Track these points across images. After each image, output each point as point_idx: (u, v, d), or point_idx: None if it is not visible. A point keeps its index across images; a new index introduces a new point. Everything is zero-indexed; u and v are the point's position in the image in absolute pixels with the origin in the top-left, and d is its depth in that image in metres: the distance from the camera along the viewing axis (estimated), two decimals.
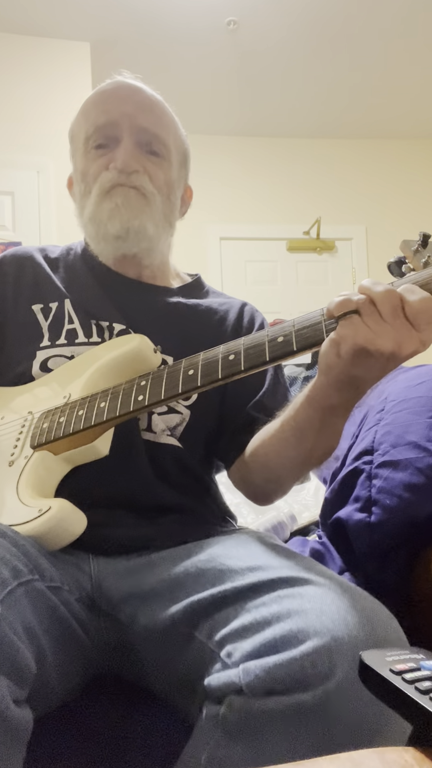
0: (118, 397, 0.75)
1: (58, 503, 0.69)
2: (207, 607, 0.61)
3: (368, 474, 0.89)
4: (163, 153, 0.92)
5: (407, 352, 0.58)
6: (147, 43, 3.50)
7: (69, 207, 0.98)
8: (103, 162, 0.89)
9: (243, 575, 0.61)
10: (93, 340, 0.87)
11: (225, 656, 0.56)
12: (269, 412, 0.85)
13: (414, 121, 4.43)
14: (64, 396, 0.81)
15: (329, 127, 4.46)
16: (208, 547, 0.70)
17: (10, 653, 0.53)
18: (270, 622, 0.54)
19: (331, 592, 0.56)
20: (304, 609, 0.54)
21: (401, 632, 0.56)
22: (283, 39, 3.53)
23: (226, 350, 0.70)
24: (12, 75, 3.36)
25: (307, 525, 1.39)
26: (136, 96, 0.91)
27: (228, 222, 4.41)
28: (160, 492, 0.81)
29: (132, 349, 0.82)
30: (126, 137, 0.89)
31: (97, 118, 0.91)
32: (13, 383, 0.88)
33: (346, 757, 0.35)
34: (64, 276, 0.95)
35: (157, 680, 0.68)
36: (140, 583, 0.70)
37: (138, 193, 0.88)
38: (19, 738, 0.53)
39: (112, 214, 0.88)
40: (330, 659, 0.50)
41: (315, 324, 0.64)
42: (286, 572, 0.60)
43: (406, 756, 0.34)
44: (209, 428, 0.89)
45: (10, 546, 0.61)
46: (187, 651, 0.62)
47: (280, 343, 0.65)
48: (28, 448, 0.78)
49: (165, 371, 0.74)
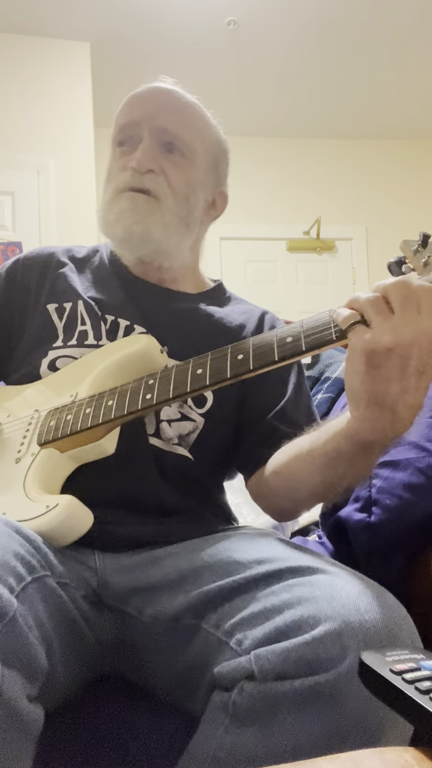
0: (126, 395, 0.75)
1: (66, 499, 0.69)
2: (214, 598, 0.62)
3: None
4: (185, 153, 0.91)
5: (419, 346, 0.55)
6: (147, 43, 3.50)
7: (69, 207, 0.99)
8: (123, 162, 0.91)
9: (251, 567, 0.62)
10: (102, 342, 0.87)
11: (235, 644, 0.57)
12: (292, 423, 0.84)
13: (414, 121, 4.43)
14: (71, 394, 0.81)
15: (329, 127, 4.46)
16: (214, 542, 0.70)
17: (25, 649, 0.53)
18: (281, 609, 0.55)
19: (340, 579, 0.57)
20: (314, 596, 0.54)
21: (410, 620, 0.56)
22: (283, 39, 3.53)
23: (235, 350, 0.70)
24: (12, 75, 3.36)
25: (307, 525, 1.39)
26: (161, 97, 0.92)
27: (228, 222, 4.36)
28: (164, 495, 0.81)
29: (139, 349, 0.82)
30: (146, 137, 0.90)
31: (121, 118, 0.93)
32: (21, 382, 0.88)
33: (346, 757, 0.35)
34: (89, 277, 0.96)
35: (160, 676, 0.68)
36: (147, 576, 0.70)
37: (147, 198, 0.88)
38: (30, 734, 0.53)
39: (117, 218, 0.89)
40: (342, 643, 0.50)
41: (324, 324, 0.64)
42: (294, 563, 0.60)
43: (406, 756, 0.34)
44: (224, 438, 0.87)
45: (24, 541, 0.62)
46: (193, 642, 0.62)
47: (289, 344, 0.65)
48: (35, 446, 0.78)
49: (173, 370, 0.74)
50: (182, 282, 0.98)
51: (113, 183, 0.91)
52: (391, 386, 0.56)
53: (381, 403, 0.57)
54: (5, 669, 0.51)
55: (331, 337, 0.62)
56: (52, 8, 3.23)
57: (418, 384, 0.57)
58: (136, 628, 0.69)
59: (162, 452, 0.82)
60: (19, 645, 0.53)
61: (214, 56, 3.65)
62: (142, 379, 0.76)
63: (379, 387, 0.57)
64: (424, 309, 0.56)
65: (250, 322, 0.95)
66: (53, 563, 0.64)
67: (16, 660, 0.52)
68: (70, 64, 3.45)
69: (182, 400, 0.83)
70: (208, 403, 0.86)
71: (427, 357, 0.56)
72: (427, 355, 0.56)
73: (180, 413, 0.84)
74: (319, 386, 1.88)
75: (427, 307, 0.56)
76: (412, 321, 0.55)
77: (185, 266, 0.98)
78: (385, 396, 0.57)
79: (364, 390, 0.58)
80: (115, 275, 0.95)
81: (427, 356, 0.56)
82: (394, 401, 0.57)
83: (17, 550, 0.59)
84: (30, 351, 0.90)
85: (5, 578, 0.55)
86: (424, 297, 0.56)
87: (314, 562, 0.61)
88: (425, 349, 0.56)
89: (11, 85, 3.35)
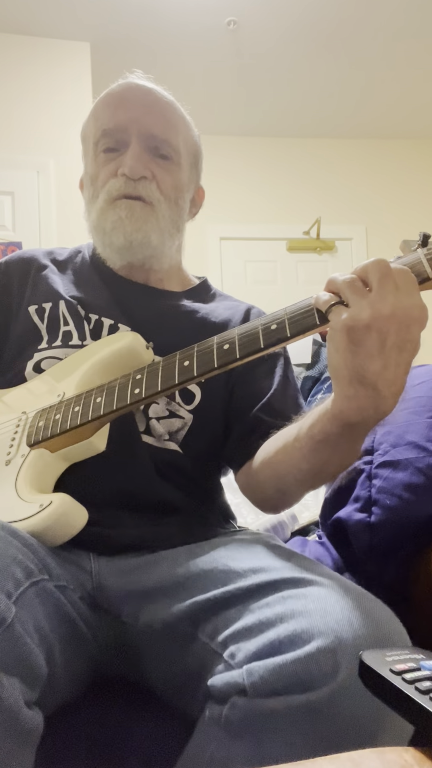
0: (114, 391, 0.75)
1: (60, 497, 0.69)
2: (210, 607, 0.61)
3: (368, 474, 0.89)
4: (173, 156, 0.91)
5: (397, 320, 0.56)
6: (147, 42, 3.50)
7: (69, 207, 0.99)
8: (111, 168, 0.90)
9: (246, 577, 0.61)
10: (86, 342, 0.87)
11: (228, 657, 0.56)
12: (278, 414, 0.84)
13: (414, 121, 4.42)
14: (58, 394, 0.81)
15: (329, 127, 4.46)
16: (210, 549, 0.70)
17: (24, 655, 0.53)
18: (274, 622, 0.54)
19: (334, 593, 0.56)
20: (308, 610, 0.54)
21: (405, 633, 0.56)
22: (283, 39, 3.53)
23: (221, 340, 0.70)
24: (12, 75, 3.35)
25: (307, 525, 1.39)
26: (145, 98, 0.90)
27: (228, 222, 4.41)
28: (161, 492, 0.81)
29: (124, 345, 0.82)
30: (134, 142, 0.89)
31: (105, 121, 0.91)
32: (7, 385, 0.88)
33: (346, 757, 0.35)
34: (72, 277, 0.96)
35: (158, 680, 0.68)
36: (142, 581, 0.70)
37: (143, 204, 0.89)
38: (30, 740, 0.53)
39: (115, 226, 0.88)
40: (334, 659, 0.50)
41: (307, 309, 0.65)
42: (289, 573, 0.60)
43: (406, 756, 0.34)
44: (213, 433, 0.88)
45: (21, 545, 0.61)
46: (190, 651, 0.62)
47: (273, 330, 0.66)
48: (25, 447, 0.78)
49: (160, 364, 0.74)
50: (168, 281, 0.98)
51: (104, 190, 0.89)
52: (372, 362, 0.57)
53: (362, 380, 0.58)
54: (4, 676, 0.50)
55: (315, 321, 0.63)
56: (52, 8, 3.23)
57: (398, 360, 0.57)
58: (131, 633, 0.68)
59: (155, 449, 0.82)
60: (18, 651, 0.52)
61: (214, 56, 3.65)
62: (129, 375, 0.76)
63: (360, 363, 0.57)
64: (401, 286, 0.57)
65: (236, 317, 0.95)
66: (50, 566, 0.64)
67: (16, 666, 0.52)
68: (70, 64, 3.45)
69: (171, 393, 0.83)
70: (197, 400, 0.86)
71: (405, 332, 0.57)
72: (405, 330, 0.57)
73: (168, 410, 0.84)
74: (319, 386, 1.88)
75: (404, 285, 0.57)
76: (390, 296, 0.56)
77: (171, 266, 0.98)
78: (366, 372, 0.57)
79: (345, 367, 0.58)
80: (98, 275, 0.95)
81: (405, 331, 0.57)
82: (375, 377, 0.57)
83: (15, 555, 0.59)
84: (15, 355, 0.90)
85: (3, 584, 0.55)
86: (401, 276, 0.58)
87: (309, 572, 0.60)
88: (403, 324, 0.56)
89: (11, 85, 3.34)
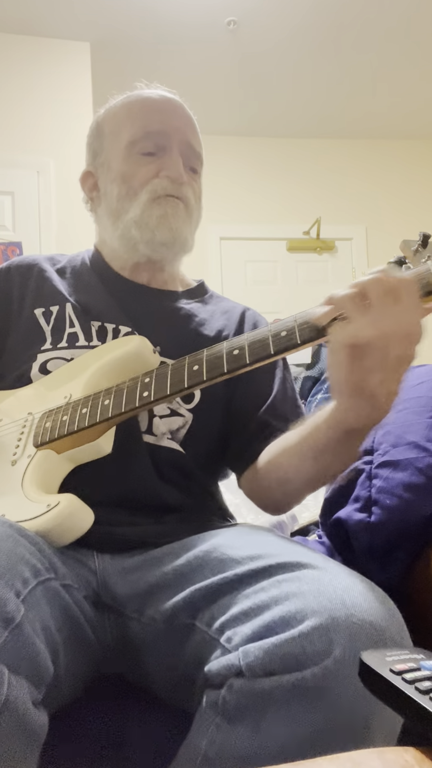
0: (123, 394, 0.75)
1: (67, 498, 0.69)
2: (207, 595, 0.62)
3: (368, 474, 0.89)
4: (199, 170, 0.97)
5: (398, 337, 0.57)
6: (147, 43, 3.50)
7: (69, 207, 1.00)
8: (152, 169, 0.91)
9: (242, 563, 0.62)
10: (93, 343, 0.88)
11: (225, 641, 0.57)
12: (282, 417, 0.86)
13: (415, 122, 4.42)
14: (65, 396, 0.81)
15: (329, 127, 4.46)
16: (209, 538, 0.71)
17: (32, 655, 0.53)
18: (269, 605, 0.55)
19: (328, 574, 0.57)
20: (302, 591, 0.55)
21: (398, 613, 0.56)
22: (283, 39, 3.53)
23: (230, 346, 0.71)
24: (12, 75, 3.35)
25: (307, 525, 1.39)
26: (183, 112, 0.96)
27: (228, 222, 4.41)
28: (161, 492, 0.81)
29: (131, 349, 0.82)
30: (175, 149, 0.92)
31: (148, 124, 0.93)
32: (12, 386, 0.88)
33: (346, 757, 0.35)
34: (71, 281, 0.97)
35: (159, 676, 0.68)
36: (146, 577, 0.70)
37: (184, 206, 0.92)
38: (36, 740, 0.53)
39: (160, 222, 0.90)
40: (328, 638, 0.50)
41: None
42: (284, 558, 0.61)
43: (406, 756, 0.34)
44: (213, 432, 0.89)
45: (29, 544, 0.62)
46: (189, 642, 0.63)
47: (283, 337, 0.66)
48: (31, 448, 0.78)
49: (169, 368, 0.74)
50: (170, 282, 1.00)
51: (147, 189, 0.91)
52: (372, 376, 0.59)
53: (362, 392, 0.60)
54: (12, 676, 0.50)
55: (325, 331, 0.64)
56: (52, 8, 3.23)
57: (396, 373, 0.60)
58: (134, 629, 0.69)
59: (155, 447, 0.82)
60: (26, 651, 0.53)
61: (214, 56, 3.65)
62: (137, 378, 0.76)
63: (360, 378, 0.59)
64: (402, 301, 0.58)
65: (232, 319, 0.97)
66: (57, 565, 0.64)
67: (23, 666, 0.52)
68: (70, 64, 3.45)
69: (179, 397, 0.84)
70: (196, 399, 0.87)
71: (406, 347, 0.58)
72: (406, 346, 0.58)
73: (169, 409, 0.85)
74: (319, 386, 1.89)
75: (404, 299, 0.58)
76: (390, 314, 0.57)
77: (176, 268, 1.01)
78: (366, 385, 0.60)
79: (346, 381, 0.61)
80: (99, 279, 0.97)
81: (406, 347, 0.58)
82: (374, 390, 0.60)
83: (23, 554, 0.59)
84: (17, 356, 0.90)
85: (13, 582, 0.55)
86: (402, 289, 0.58)
87: (304, 557, 0.61)
88: (404, 340, 0.58)
89: (11, 85, 3.34)
